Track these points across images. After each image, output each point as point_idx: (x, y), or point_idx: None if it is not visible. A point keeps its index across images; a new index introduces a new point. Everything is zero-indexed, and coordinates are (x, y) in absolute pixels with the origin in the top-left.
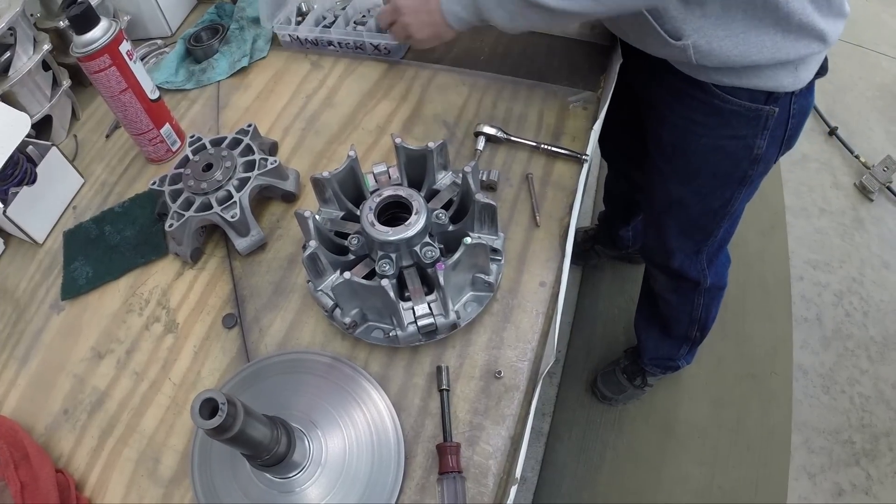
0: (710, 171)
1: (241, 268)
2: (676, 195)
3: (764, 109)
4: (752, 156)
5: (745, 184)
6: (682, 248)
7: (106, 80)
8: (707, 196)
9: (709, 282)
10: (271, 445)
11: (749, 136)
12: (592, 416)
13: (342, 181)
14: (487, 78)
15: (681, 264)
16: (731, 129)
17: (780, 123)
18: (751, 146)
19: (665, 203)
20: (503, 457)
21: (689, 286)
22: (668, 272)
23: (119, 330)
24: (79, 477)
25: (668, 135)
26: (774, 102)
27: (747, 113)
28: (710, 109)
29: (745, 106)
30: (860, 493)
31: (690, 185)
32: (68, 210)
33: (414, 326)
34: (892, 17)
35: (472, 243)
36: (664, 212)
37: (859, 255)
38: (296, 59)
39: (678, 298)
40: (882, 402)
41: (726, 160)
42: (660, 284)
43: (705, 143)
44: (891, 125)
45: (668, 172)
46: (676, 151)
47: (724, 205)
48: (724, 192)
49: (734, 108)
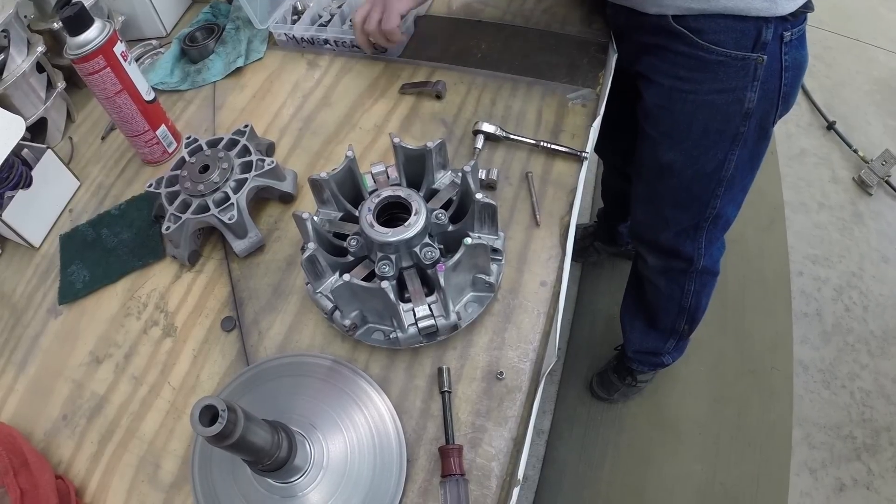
0: (700, 129)
1: (239, 270)
2: (666, 160)
3: (751, 57)
4: (743, 110)
5: (737, 143)
6: (677, 220)
7: (101, 81)
8: (698, 158)
9: (702, 263)
10: (272, 451)
11: (738, 88)
12: (593, 414)
13: (340, 182)
14: (485, 76)
15: (675, 239)
16: (719, 81)
17: (773, 74)
18: (741, 99)
19: (656, 171)
20: (506, 458)
21: (681, 267)
22: (660, 250)
23: (117, 334)
24: (79, 483)
25: (654, 98)
26: (762, 49)
27: (734, 62)
28: (695, 63)
29: (730, 55)
30: (861, 488)
31: (680, 147)
32: (64, 213)
33: (414, 328)
34: (890, 11)
35: (472, 244)
36: (656, 181)
37: (858, 250)
38: (292, 58)
39: (667, 283)
40: (882, 397)
41: (716, 117)
42: (649, 267)
43: (693, 100)
44: (889, 119)
45: (657, 137)
46: (664, 113)
47: (718, 168)
48: (717, 152)
49: (720, 59)
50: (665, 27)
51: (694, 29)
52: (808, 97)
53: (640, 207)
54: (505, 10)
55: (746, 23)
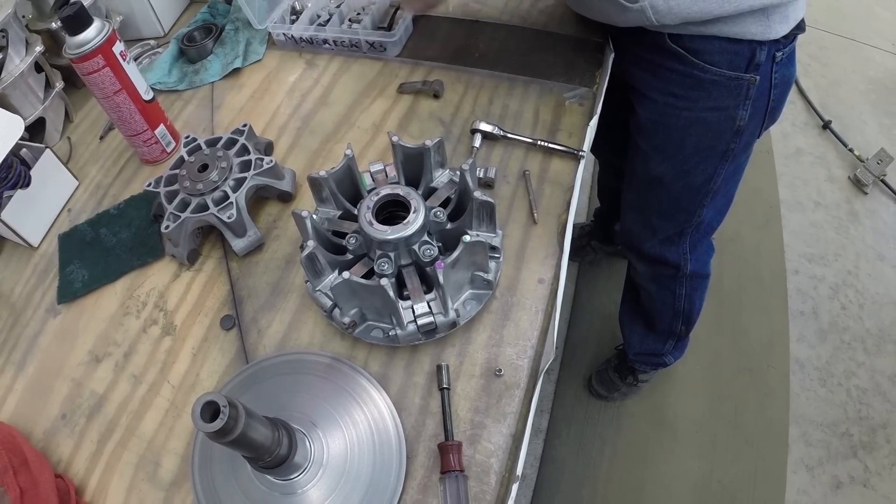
0: (693, 145)
1: (238, 269)
2: (657, 173)
3: (744, 78)
4: (734, 128)
5: (727, 158)
6: (663, 229)
7: (100, 81)
8: (689, 172)
9: (689, 268)
10: (273, 447)
11: (731, 107)
12: (591, 413)
13: (339, 180)
14: (483, 75)
15: (660, 247)
16: (713, 100)
17: (762, 93)
18: (733, 117)
19: (646, 182)
20: (505, 454)
21: (669, 273)
22: (647, 258)
23: (116, 333)
24: (78, 482)
25: (648, 113)
26: (755, 70)
27: (728, 82)
28: (689, 82)
29: (724, 75)
30: (858, 485)
31: (672, 161)
32: (63, 213)
33: (413, 325)
34: (885, 10)
35: (471, 241)
36: (646, 191)
37: (854, 248)
38: (290, 57)
39: (659, 289)
40: (879, 395)
41: (708, 133)
42: (640, 274)
43: (686, 117)
44: (884, 118)
45: (650, 151)
46: (657, 128)
47: (707, 181)
48: (707, 167)
49: (714, 78)
50: (661, 45)
51: (690, 49)
52: (803, 96)
53: (629, 215)
54: (502, 9)
55: (741, 45)
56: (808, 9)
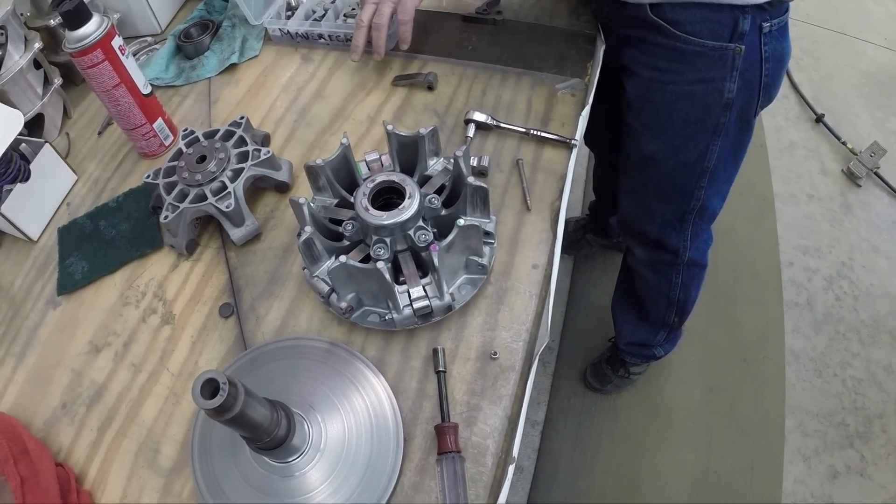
0: (680, 119)
1: (236, 258)
2: (649, 150)
3: (729, 48)
4: (723, 101)
5: (718, 133)
6: (662, 212)
7: (99, 75)
8: (680, 148)
9: (688, 255)
10: (271, 427)
11: (717, 78)
12: (587, 405)
13: (335, 169)
14: (476, 67)
15: (661, 231)
16: (698, 72)
17: (752, 65)
18: (720, 90)
19: (639, 162)
20: (501, 436)
21: (667, 259)
22: (646, 241)
23: (116, 323)
24: (79, 470)
25: (635, 89)
26: (739, 39)
27: (711, 53)
28: (673, 55)
29: (707, 45)
30: (855, 475)
31: (662, 137)
32: (62, 207)
33: (409, 309)
34: (877, 5)
35: (465, 224)
36: (640, 171)
37: (848, 240)
38: (286, 52)
39: (655, 275)
40: (874, 385)
41: (696, 106)
42: (637, 259)
43: (672, 91)
44: (877, 111)
45: (639, 128)
46: (644, 104)
47: (700, 158)
48: (698, 143)
49: (697, 49)
50: (643, 19)
51: (671, 20)
52: (796, 90)
53: (626, 199)
54: None
55: (722, 13)
56: (800, 3)
